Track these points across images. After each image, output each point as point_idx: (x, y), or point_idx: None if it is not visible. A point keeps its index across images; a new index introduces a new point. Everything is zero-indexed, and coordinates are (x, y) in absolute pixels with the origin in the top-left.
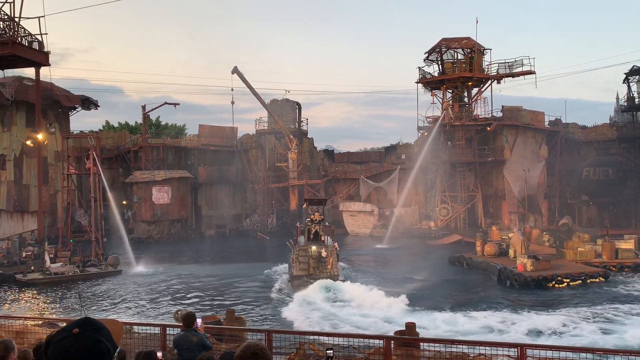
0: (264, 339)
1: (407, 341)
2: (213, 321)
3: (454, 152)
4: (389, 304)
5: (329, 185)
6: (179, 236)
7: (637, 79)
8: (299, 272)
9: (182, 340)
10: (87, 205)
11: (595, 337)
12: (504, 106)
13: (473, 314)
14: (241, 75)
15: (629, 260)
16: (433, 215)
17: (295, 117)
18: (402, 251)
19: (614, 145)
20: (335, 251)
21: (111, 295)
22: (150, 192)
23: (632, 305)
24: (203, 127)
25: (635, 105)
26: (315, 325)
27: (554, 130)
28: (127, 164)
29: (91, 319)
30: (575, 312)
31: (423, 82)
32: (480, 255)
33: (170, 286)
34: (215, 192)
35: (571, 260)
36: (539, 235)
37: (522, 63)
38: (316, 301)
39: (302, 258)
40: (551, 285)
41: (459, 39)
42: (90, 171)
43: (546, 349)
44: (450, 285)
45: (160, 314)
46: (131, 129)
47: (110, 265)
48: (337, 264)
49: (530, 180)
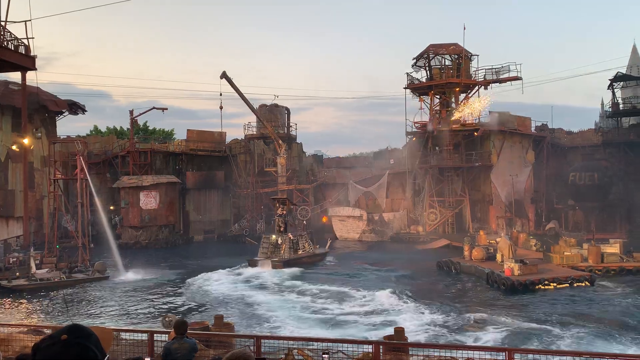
0: (253, 344)
1: (396, 346)
2: (201, 327)
3: (442, 157)
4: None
5: (317, 190)
6: (166, 242)
7: (621, 85)
8: (260, 255)
9: (175, 348)
10: (74, 211)
11: (582, 341)
12: (491, 111)
13: (461, 318)
14: (230, 80)
15: (614, 264)
16: (421, 220)
17: (284, 122)
18: (390, 255)
19: (599, 151)
20: (288, 240)
21: (98, 302)
22: (138, 197)
23: (616, 309)
24: (191, 131)
25: (619, 111)
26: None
27: (541, 136)
28: (115, 169)
29: (80, 326)
30: (561, 316)
31: (411, 88)
32: (468, 260)
33: (157, 292)
34: (204, 197)
35: (558, 265)
36: (526, 240)
37: (508, 69)
38: (241, 273)
39: (264, 244)
40: (538, 289)
41: (447, 45)
42: (77, 176)
43: (534, 353)
44: (438, 290)
45: (147, 320)
46: (119, 134)
47: (97, 271)
48: (289, 250)
49: (517, 185)
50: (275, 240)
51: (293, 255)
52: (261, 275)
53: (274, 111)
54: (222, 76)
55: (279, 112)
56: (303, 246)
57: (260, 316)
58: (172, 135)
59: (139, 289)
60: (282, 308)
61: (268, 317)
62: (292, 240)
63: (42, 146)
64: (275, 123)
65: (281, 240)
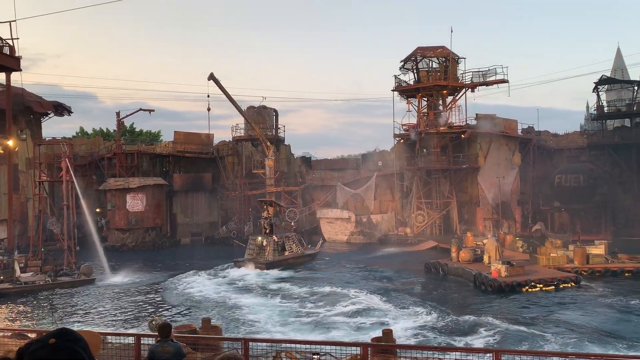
0: (241, 347)
1: (384, 348)
2: (189, 330)
3: (430, 159)
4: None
5: (306, 192)
6: (153, 244)
7: (606, 88)
8: (246, 257)
9: (159, 351)
10: (60, 213)
11: (568, 342)
12: (478, 114)
13: (449, 320)
14: (218, 82)
15: (599, 265)
16: (409, 222)
17: (273, 123)
18: (378, 257)
19: (584, 153)
20: (273, 242)
21: (84, 305)
22: (125, 199)
23: (601, 310)
24: (178, 133)
25: (604, 114)
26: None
27: (527, 138)
28: (101, 171)
29: (69, 330)
30: (547, 317)
31: (399, 90)
32: (455, 262)
33: (144, 295)
34: (191, 200)
35: (544, 266)
36: (513, 241)
37: (495, 72)
38: (226, 275)
39: (251, 246)
40: (525, 290)
41: (434, 47)
42: (63, 178)
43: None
44: (425, 291)
45: (134, 323)
46: (105, 136)
47: (83, 274)
48: (273, 252)
49: (503, 187)
50: (260, 242)
51: (278, 256)
52: (246, 277)
53: (262, 113)
54: (210, 78)
55: (267, 114)
56: (290, 247)
57: (243, 318)
58: (159, 137)
59: (126, 292)
60: (266, 310)
61: (251, 319)
62: (276, 242)
63: (27, 148)
64: (263, 125)
65: (266, 242)
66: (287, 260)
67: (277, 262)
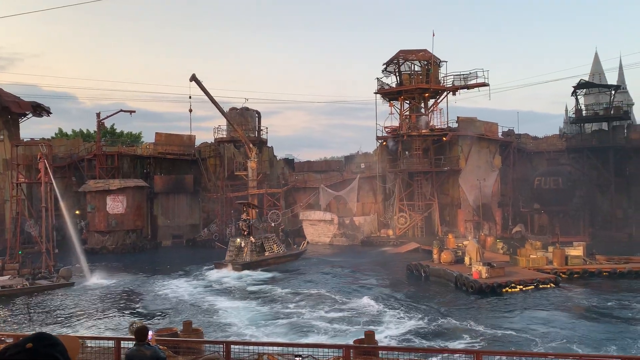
0: (223, 350)
1: (366, 350)
2: (169, 333)
3: (412, 161)
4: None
5: (289, 194)
6: (134, 247)
7: (584, 92)
8: (227, 259)
9: (135, 355)
10: (38, 216)
11: (547, 342)
12: (459, 117)
13: (430, 321)
14: (199, 83)
15: (577, 266)
16: (391, 224)
17: (255, 125)
18: (360, 259)
19: (563, 156)
20: (250, 243)
21: (63, 309)
22: (105, 201)
23: (579, 310)
24: (160, 135)
25: (582, 117)
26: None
27: (507, 141)
28: (81, 173)
29: (46, 334)
30: (527, 318)
31: (381, 93)
32: (437, 263)
33: (124, 298)
34: (172, 202)
35: (524, 267)
36: (494, 243)
37: (476, 75)
38: (206, 277)
39: (231, 248)
40: (505, 291)
41: (416, 51)
42: (42, 180)
43: (501, 355)
44: (407, 293)
45: (114, 327)
46: (85, 137)
47: (62, 278)
48: (251, 253)
49: (484, 189)
50: (239, 244)
51: (256, 257)
52: (225, 279)
53: (245, 114)
54: (192, 79)
55: (250, 116)
56: (271, 248)
57: (221, 321)
58: (140, 138)
59: (106, 295)
60: (245, 312)
61: (229, 322)
62: (254, 243)
63: (4, 149)
64: (245, 126)
65: (244, 244)
66: (266, 260)
67: (255, 262)
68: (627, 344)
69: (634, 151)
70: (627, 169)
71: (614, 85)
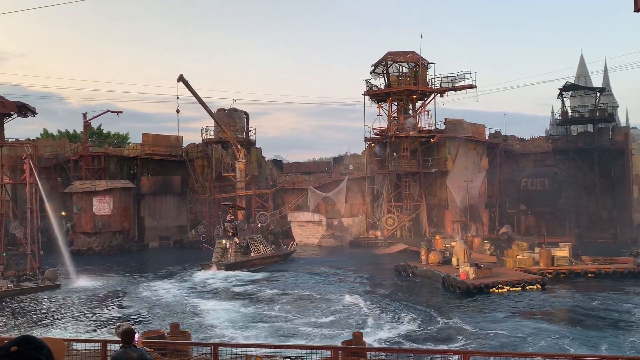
0: (210, 352)
1: (354, 351)
2: (156, 335)
3: (400, 163)
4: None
5: (277, 195)
6: (120, 248)
7: (570, 94)
8: (212, 259)
9: (121, 357)
10: (23, 217)
11: (534, 343)
12: (447, 119)
13: (418, 322)
14: (187, 84)
15: (564, 267)
16: (380, 225)
17: (243, 126)
18: (348, 260)
19: (549, 157)
20: (234, 244)
21: (48, 311)
22: (91, 202)
23: (566, 311)
24: (147, 135)
25: (568, 119)
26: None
27: (494, 143)
28: (67, 174)
29: (31, 337)
30: (514, 318)
31: (370, 95)
32: (425, 264)
33: (110, 300)
34: (159, 203)
35: (511, 268)
36: (481, 244)
37: (464, 77)
38: (191, 279)
39: (217, 249)
40: (492, 292)
41: (404, 53)
42: (27, 181)
43: (488, 355)
44: (395, 294)
45: (101, 329)
46: (71, 137)
47: (47, 280)
48: (235, 254)
49: (471, 190)
50: (224, 245)
51: (240, 258)
52: (210, 280)
53: (233, 115)
54: (180, 79)
55: (238, 117)
56: (257, 249)
57: (207, 322)
58: (127, 139)
59: (92, 297)
60: (231, 314)
61: (215, 323)
62: (238, 244)
63: None
64: (233, 127)
65: (229, 245)
66: (251, 261)
67: (239, 263)
68: (612, 343)
69: (619, 153)
70: (611, 170)
71: (599, 87)
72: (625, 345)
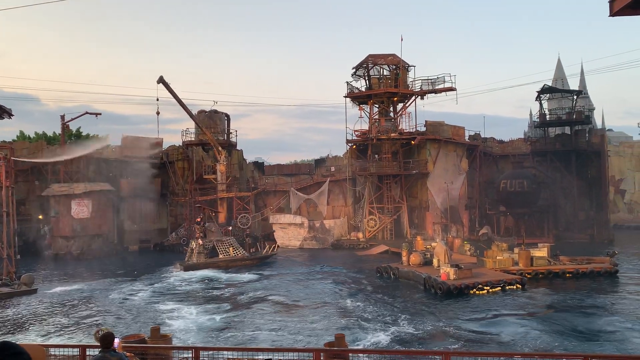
0: (191, 356)
1: (336, 353)
2: (137, 340)
3: (381, 165)
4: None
5: (258, 197)
6: (99, 252)
7: (548, 97)
8: (187, 260)
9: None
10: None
11: (515, 342)
12: (427, 121)
13: (399, 324)
14: (167, 85)
15: (542, 267)
16: (361, 227)
17: (224, 128)
18: (330, 262)
19: (528, 159)
20: (198, 245)
21: (25, 316)
22: (69, 206)
23: (544, 310)
24: (126, 138)
25: (546, 122)
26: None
27: (474, 145)
28: (44, 177)
29: (10, 343)
30: (494, 318)
31: (351, 97)
32: (406, 265)
33: (89, 304)
34: (139, 206)
35: (491, 269)
36: (461, 245)
37: (444, 80)
38: (167, 278)
39: (189, 251)
40: (473, 292)
41: (385, 55)
42: (2, 184)
43: (470, 355)
44: (376, 296)
45: (79, 334)
46: (49, 140)
47: (24, 284)
48: (198, 255)
49: (452, 192)
50: (193, 246)
51: (203, 259)
52: (177, 282)
53: (213, 117)
54: (159, 81)
55: (219, 118)
56: (226, 251)
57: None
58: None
59: (70, 301)
60: (203, 317)
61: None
62: (202, 245)
63: None
64: (214, 129)
65: (195, 246)
66: (216, 263)
67: (202, 264)
68: (591, 341)
69: (595, 155)
70: (588, 172)
71: (576, 90)
72: (604, 344)
